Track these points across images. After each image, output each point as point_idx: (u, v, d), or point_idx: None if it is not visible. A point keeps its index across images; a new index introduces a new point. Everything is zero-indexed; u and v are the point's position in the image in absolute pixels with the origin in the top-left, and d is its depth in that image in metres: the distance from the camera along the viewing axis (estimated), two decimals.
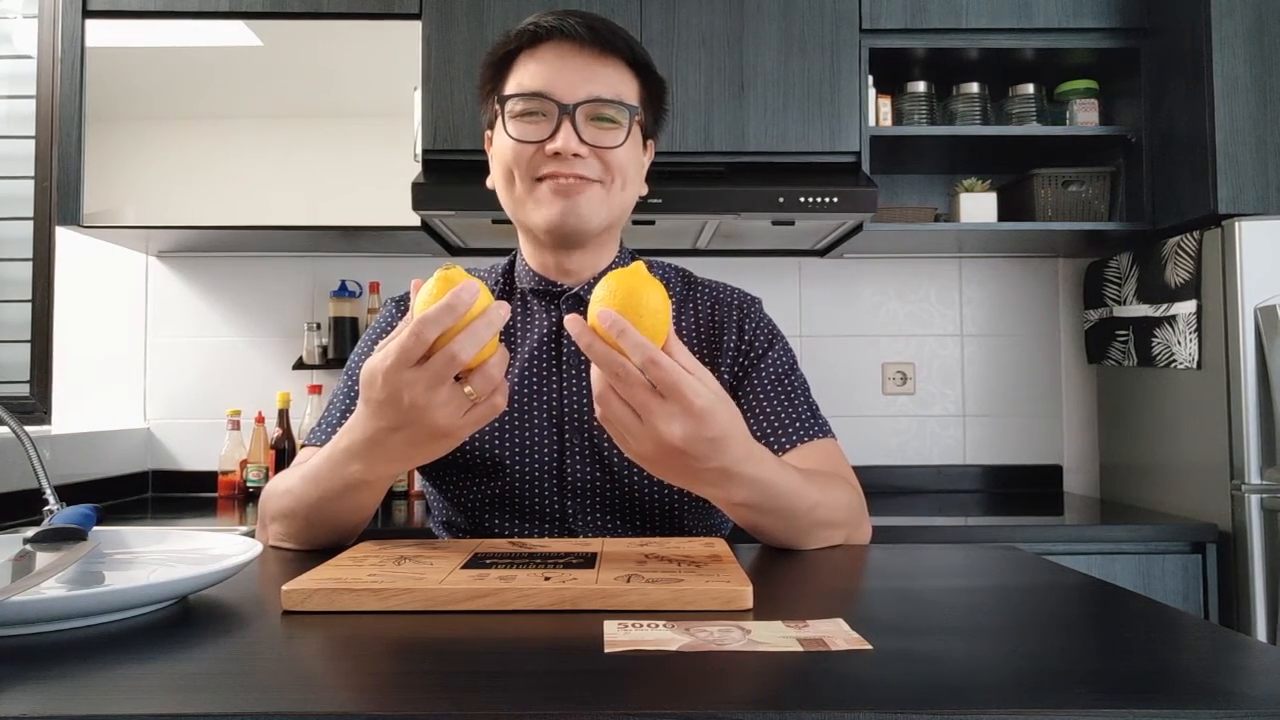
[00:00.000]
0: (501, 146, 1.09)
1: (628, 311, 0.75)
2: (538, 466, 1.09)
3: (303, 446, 1.15)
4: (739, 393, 1.13)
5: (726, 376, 1.14)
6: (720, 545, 0.89)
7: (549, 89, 1.05)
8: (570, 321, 0.76)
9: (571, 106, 1.04)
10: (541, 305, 1.15)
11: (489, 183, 1.15)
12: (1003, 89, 2.42)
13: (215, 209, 2.22)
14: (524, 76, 1.07)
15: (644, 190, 1.17)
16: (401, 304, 1.19)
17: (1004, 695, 0.50)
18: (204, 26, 2.23)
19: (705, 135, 2.23)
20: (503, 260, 1.22)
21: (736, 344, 1.15)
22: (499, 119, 1.09)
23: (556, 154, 1.04)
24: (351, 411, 1.09)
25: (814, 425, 1.12)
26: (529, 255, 1.16)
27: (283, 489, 0.99)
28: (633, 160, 1.10)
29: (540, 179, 1.07)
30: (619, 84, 1.07)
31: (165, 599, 0.68)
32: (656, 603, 0.68)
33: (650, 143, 1.17)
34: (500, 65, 1.10)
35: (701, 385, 0.77)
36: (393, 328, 1.15)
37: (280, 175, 2.23)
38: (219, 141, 2.22)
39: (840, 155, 2.25)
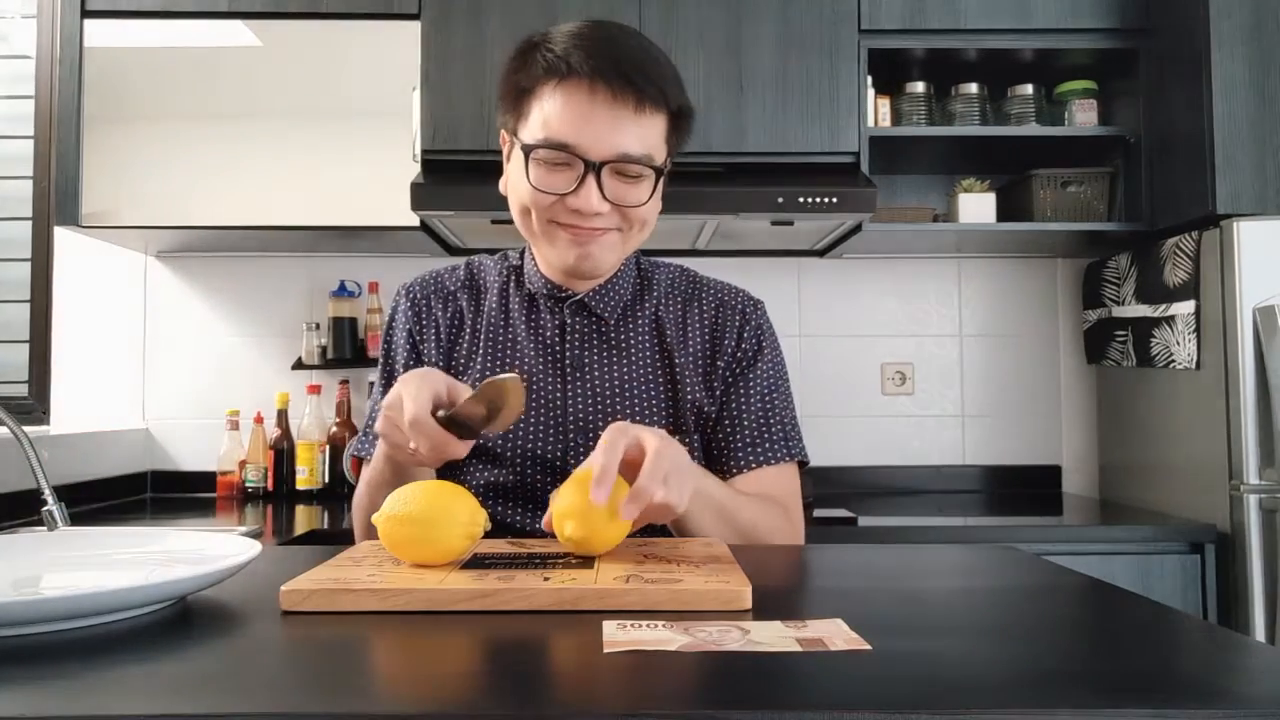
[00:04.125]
0: (520, 187, 1.06)
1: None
2: (541, 464, 1.10)
3: (352, 457, 1.19)
4: (725, 396, 1.15)
5: (725, 374, 1.16)
6: (719, 546, 0.89)
7: (575, 142, 1.00)
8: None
9: (598, 165, 1.01)
10: (547, 306, 1.16)
11: (502, 187, 1.13)
12: (1001, 89, 2.42)
13: (214, 209, 2.22)
14: (551, 118, 1.01)
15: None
16: (411, 293, 1.20)
17: (1003, 695, 0.50)
18: (203, 26, 2.22)
19: (704, 135, 2.23)
20: (514, 252, 1.22)
21: (734, 349, 1.16)
22: (520, 156, 1.05)
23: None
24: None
25: (784, 448, 1.14)
26: (540, 265, 1.16)
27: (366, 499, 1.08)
28: (655, 206, 1.08)
29: (558, 223, 1.05)
30: (649, 136, 1.03)
31: (165, 599, 0.68)
32: (655, 603, 0.68)
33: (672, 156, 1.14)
34: (524, 88, 1.04)
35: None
36: (408, 325, 1.18)
37: (279, 175, 2.23)
38: (218, 142, 2.22)
39: (839, 155, 2.25)
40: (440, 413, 0.88)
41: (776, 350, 1.20)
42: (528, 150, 1.03)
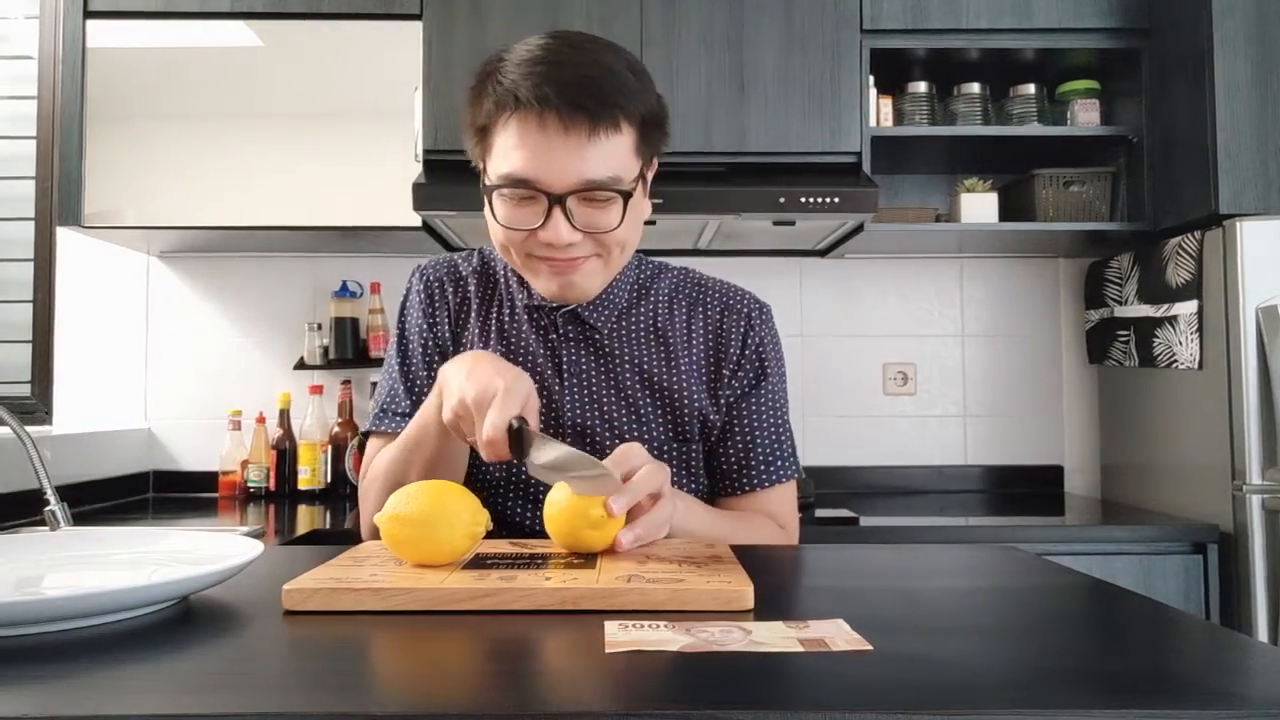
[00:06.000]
0: (493, 224, 1.05)
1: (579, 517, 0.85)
2: None
3: (366, 433, 1.19)
4: (735, 410, 1.15)
5: (730, 382, 1.16)
6: (721, 546, 0.89)
7: (536, 176, 0.97)
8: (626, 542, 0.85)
9: (561, 196, 0.98)
10: (544, 313, 1.16)
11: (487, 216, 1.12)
12: (1004, 89, 2.42)
13: (216, 209, 2.22)
14: (509, 153, 0.98)
15: (647, 212, 1.12)
16: (425, 274, 1.20)
17: (1004, 695, 0.50)
18: (205, 27, 2.22)
19: (706, 135, 2.22)
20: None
21: (738, 357, 1.16)
22: (487, 191, 1.03)
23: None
24: (411, 394, 1.16)
25: (792, 465, 1.17)
26: None
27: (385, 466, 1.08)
28: (631, 226, 1.04)
29: (536, 256, 1.04)
30: (612, 157, 0.98)
31: (166, 599, 0.68)
32: (657, 603, 0.68)
33: (654, 159, 1.11)
34: (483, 125, 1.03)
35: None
36: (422, 306, 1.18)
37: (281, 175, 2.23)
38: (220, 142, 2.22)
39: (841, 155, 2.25)
40: (513, 423, 0.88)
41: (781, 361, 1.20)
42: (491, 189, 1.02)
